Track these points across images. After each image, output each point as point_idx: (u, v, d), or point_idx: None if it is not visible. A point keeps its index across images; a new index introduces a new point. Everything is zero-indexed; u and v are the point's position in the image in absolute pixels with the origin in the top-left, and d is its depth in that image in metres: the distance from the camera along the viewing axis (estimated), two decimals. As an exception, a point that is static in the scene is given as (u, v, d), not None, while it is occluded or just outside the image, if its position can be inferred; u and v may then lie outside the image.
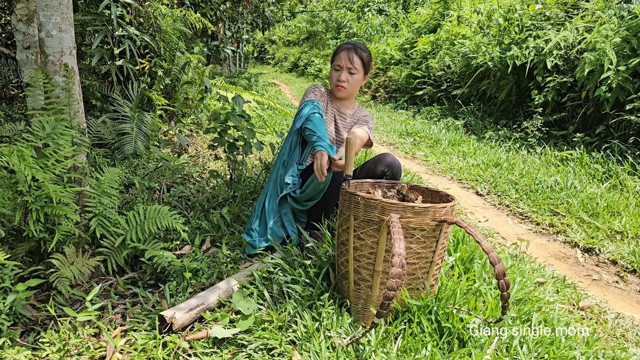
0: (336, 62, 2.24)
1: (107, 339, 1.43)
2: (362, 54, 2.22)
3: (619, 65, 4.59)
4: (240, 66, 14.62)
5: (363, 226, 1.50)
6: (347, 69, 2.21)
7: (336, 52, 2.26)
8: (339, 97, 2.31)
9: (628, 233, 2.84)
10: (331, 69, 2.30)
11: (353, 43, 2.26)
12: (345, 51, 2.21)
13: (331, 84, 2.30)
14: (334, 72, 2.27)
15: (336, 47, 2.37)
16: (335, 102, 2.36)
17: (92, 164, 3.02)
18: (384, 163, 2.20)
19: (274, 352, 1.42)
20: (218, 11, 6.74)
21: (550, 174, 4.12)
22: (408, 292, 1.54)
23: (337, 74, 2.24)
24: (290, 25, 24.08)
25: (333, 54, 2.29)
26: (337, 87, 2.26)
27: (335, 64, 2.24)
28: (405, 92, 9.59)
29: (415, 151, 5.46)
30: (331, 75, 2.29)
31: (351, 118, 2.39)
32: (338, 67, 2.24)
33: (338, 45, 2.38)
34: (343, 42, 2.33)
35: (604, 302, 2.12)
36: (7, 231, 1.73)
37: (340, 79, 2.23)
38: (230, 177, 2.97)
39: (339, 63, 2.22)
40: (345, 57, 2.20)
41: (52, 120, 1.77)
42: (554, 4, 6.16)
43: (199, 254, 2.00)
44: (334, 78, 2.27)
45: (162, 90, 4.14)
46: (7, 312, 1.49)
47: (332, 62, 2.28)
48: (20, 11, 2.74)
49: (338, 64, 2.23)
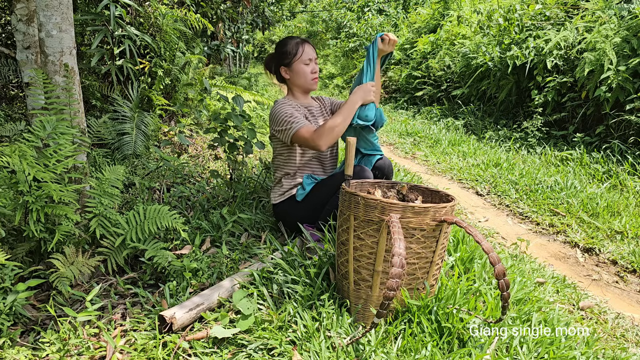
0: (304, 56, 2.19)
1: (107, 339, 1.43)
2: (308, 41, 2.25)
3: (619, 65, 4.59)
4: (240, 66, 14.62)
5: (363, 226, 1.50)
6: (314, 60, 2.22)
7: (296, 47, 2.19)
8: (312, 89, 2.30)
9: (628, 233, 2.84)
10: (298, 66, 2.20)
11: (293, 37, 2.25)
12: (306, 44, 2.20)
13: (304, 79, 2.23)
14: (304, 67, 2.20)
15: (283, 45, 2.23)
16: (300, 100, 2.33)
17: (92, 164, 3.02)
18: (373, 165, 2.20)
19: (274, 352, 1.42)
20: (218, 10, 6.74)
21: (550, 174, 4.12)
22: (408, 292, 1.54)
23: (309, 67, 2.21)
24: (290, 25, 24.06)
25: (290, 50, 2.20)
26: (314, 80, 2.24)
27: (304, 58, 2.19)
28: (405, 92, 9.59)
29: (415, 151, 5.46)
30: (301, 71, 2.21)
31: (319, 105, 2.41)
32: (308, 61, 2.20)
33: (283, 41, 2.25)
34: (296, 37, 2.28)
35: (604, 302, 2.12)
36: (7, 231, 1.73)
37: (314, 70, 2.22)
38: (230, 177, 2.97)
39: (308, 57, 2.19)
40: (311, 50, 2.21)
41: (53, 120, 1.77)
42: (554, 4, 6.16)
43: (199, 254, 2.00)
44: (307, 73, 2.21)
45: (162, 90, 4.14)
46: (7, 312, 1.49)
47: (295, 58, 2.19)
48: (20, 11, 2.74)
49: (308, 58, 2.19)
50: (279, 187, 2.30)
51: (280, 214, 2.33)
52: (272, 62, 2.31)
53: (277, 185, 2.33)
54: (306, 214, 2.18)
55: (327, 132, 1.99)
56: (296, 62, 2.20)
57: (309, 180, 2.20)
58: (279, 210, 2.31)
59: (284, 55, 2.22)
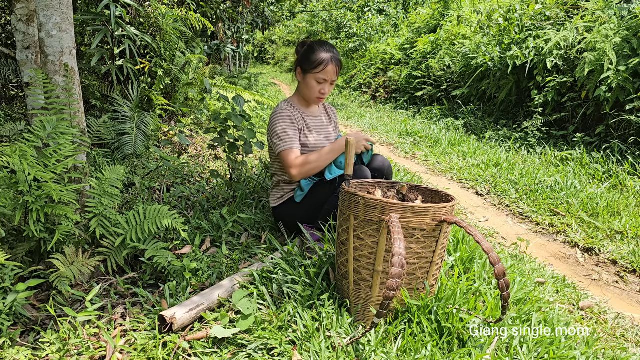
0: (321, 75, 2.10)
1: (107, 339, 1.43)
2: (340, 62, 2.17)
3: (619, 65, 4.59)
4: (240, 66, 14.62)
5: (363, 226, 1.50)
6: (331, 82, 2.14)
7: (320, 62, 2.08)
8: (313, 105, 2.28)
9: (628, 233, 2.84)
10: (310, 78, 2.12)
11: (332, 49, 2.13)
12: (332, 66, 2.09)
13: (309, 93, 2.17)
14: (315, 84, 2.13)
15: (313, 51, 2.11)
16: (303, 107, 2.28)
17: (92, 164, 3.02)
18: (372, 166, 2.20)
19: (274, 352, 1.42)
20: (218, 10, 6.74)
21: (550, 174, 4.12)
22: (408, 292, 1.54)
23: (321, 86, 2.13)
24: (290, 25, 24.08)
25: (313, 61, 2.10)
26: (318, 99, 2.18)
27: (320, 77, 2.10)
28: (405, 92, 9.59)
29: (415, 151, 5.46)
30: (311, 85, 2.14)
31: (320, 112, 2.38)
32: (322, 81, 2.12)
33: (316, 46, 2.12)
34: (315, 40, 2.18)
35: (604, 302, 2.12)
36: (7, 231, 1.73)
37: (323, 92, 2.15)
38: (230, 177, 2.97)
39: (324, 77, 2.10)
40: (333, 72, 2.10)
41: (53, 119, 1.78)
42: (554, 4, 6.16)
43: (199, 254, 2.00)
44: (315, 90, 2.14)
45: (162, 90, 4.14)
46: (7, 312, 1.49)
47: (313, 71, 2.10)
48: (20, 11, 2.74)
49: (323, 78, 2.11)
50: (278, 190, 2.30)
51: (279, 215, 2.32)
52: (298, 55, 2.22)
53: (275, 188, 2.32)
54: (305, 215, 2.18)
55: (302, 165, 2.05)
56: (311, 74, 2.12)
57: (307, 182, 2.19)
58: (278, 212, 2.31)
59: (306, 60, 2.13)
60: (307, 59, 2.12)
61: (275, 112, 2.18)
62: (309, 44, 2.17)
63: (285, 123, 2.14)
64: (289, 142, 2.09)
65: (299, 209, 2.20)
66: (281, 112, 2.17)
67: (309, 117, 2.28)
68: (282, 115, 2.15)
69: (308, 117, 2.27)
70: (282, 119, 2.14)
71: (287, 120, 2.15)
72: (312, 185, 2.19)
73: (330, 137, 2.33)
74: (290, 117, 2.17)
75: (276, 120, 2.15)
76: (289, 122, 2.15)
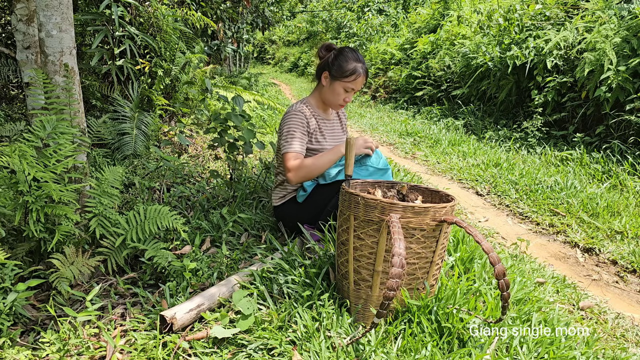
0: (351, 84, 2.09)
1: (107, 339, 1.43)
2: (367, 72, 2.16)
3: (619, 65, 4.59)
4: (240, 66, 14.62)
5: (363, 226, 1.50)
6: (354, 91, 2.14)
7: (353, 72, 2.07)
8: (334, 110, 2.30)
9: (628, 233, 2.84)
10: (339, 85, 2.11)
11: (361, 58, 2.12)
12: (362, 77, 2.09)
13: (334, 99, 2.16)
14: (342, 92, 2.12)
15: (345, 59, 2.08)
16: (320, 109, 2.29)
17: (92, 164, 3.02)
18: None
19: (274, 352, 1.42)
20: (218, 10, 6.74)
21: (550, 174, 4.12)
22: (408, 292, 1.55)
23: (347, 94, 2.13)
24: (290, 25, 24.07)
25: (346, 69, 2.08)
26: (340, 106, 2.19)
27: (349, 86, 2.09)
28: (405, 92, 9.59)
29: (415, 151, 5.46)
30: (338, 91, 2.13)
31: (334, 117, 2.39)
32: (350, 89, 2.11)
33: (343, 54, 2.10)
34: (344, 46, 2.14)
35: (604, 302, 2.12)
36: (7, 231, 1.73)
37: (347, 99, 2.15)
38: (230, 177, 2.97)
39: (353, 87, 2.09)
40: (361, 83, 2.10)
41: (53, 119, 1.78)
42: (554, 4, 6.16)
43: (199, 254, 2.00)
44: (340, 97, 2.14)
45: (162, 90, 4.14)
46: (7, 312, 1.49)
47: (344, 79, 2.09)
48: (20, 11, 2.74)
49: (352, 87, 2.10)
50: (281, 189, 2.29)
51: (280, 215, 2.32)
52: (325, 59, 2.17)
53: (278, 187, 2.31)
54: (307, 215, 2.18)
55: (298, 169, 2.04)
56: (340, 82, 2.10)
57: (310, 182, 2.19)
58: (279, 212, 2.31)
59: (337, 66, 2.10)
60: (339, 66, 2.09)
61: (288, 112, 2.17)
62: (339, 50, 2.14)
63: (295, 124, 2.12)
64: (293, 144, 2.08)
65: (301, 209, 2.20)
66: (294, 114, 2.15)
67: (323, 121, 2.27)
68: (294, 117, 2.14)
69: (322, 121, 2.26)
70: (293, 120, 2.13)
71: (298, 122, 2.13)
72: (314, 186, 2.19)
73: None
74: (302, 119, 2.15)
75: (287, 120, 2.14)
76: (299, 124, 2.13)
